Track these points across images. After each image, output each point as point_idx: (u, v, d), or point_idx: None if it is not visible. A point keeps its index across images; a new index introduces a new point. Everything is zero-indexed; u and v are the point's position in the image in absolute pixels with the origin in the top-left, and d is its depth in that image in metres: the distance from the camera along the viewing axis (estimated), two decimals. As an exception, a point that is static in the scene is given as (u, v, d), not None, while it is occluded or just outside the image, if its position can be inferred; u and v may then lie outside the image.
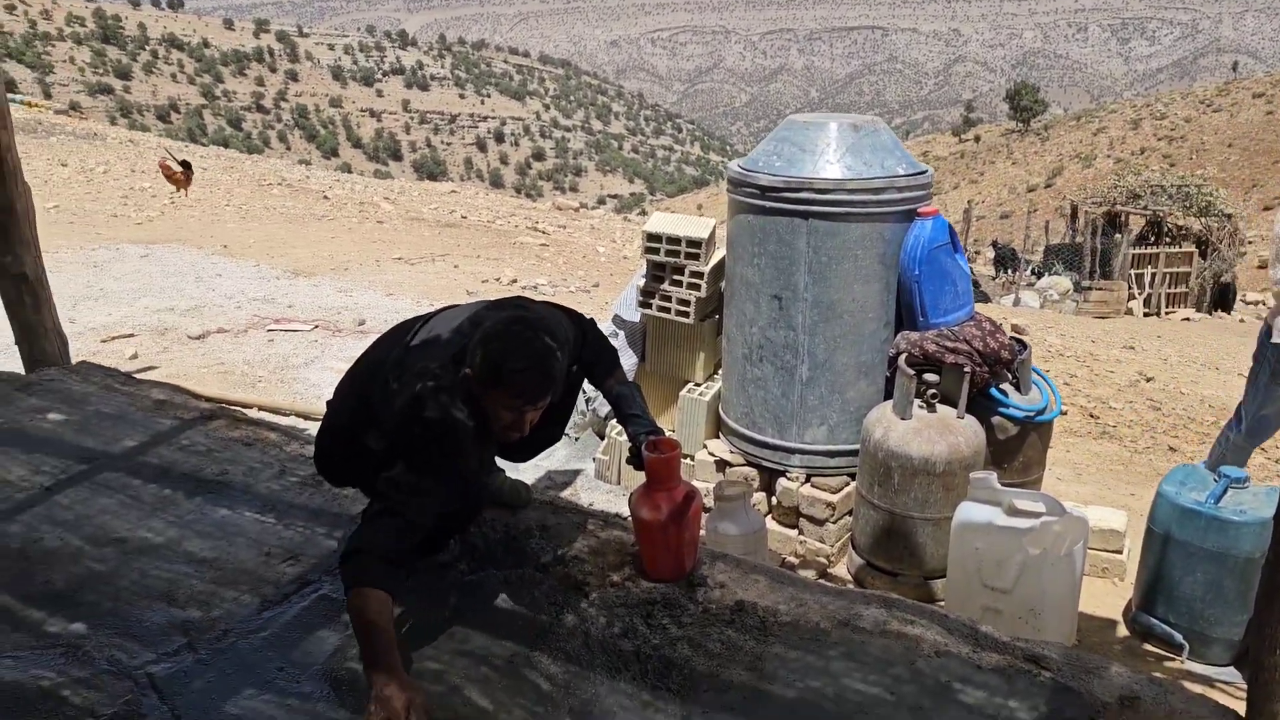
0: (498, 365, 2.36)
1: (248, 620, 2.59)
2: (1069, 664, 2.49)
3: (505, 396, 2.39)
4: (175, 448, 3.56)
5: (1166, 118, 64.22)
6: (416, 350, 2.58)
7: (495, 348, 2.38)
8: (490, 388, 2.39)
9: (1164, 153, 53.88)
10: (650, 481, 2.72)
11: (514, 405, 2.42)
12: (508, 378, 2.37)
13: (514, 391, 2.39)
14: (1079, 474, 5.29)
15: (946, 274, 3.91)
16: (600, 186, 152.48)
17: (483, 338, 2.42)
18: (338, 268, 9.12)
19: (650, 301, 4.62)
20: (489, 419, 2.47)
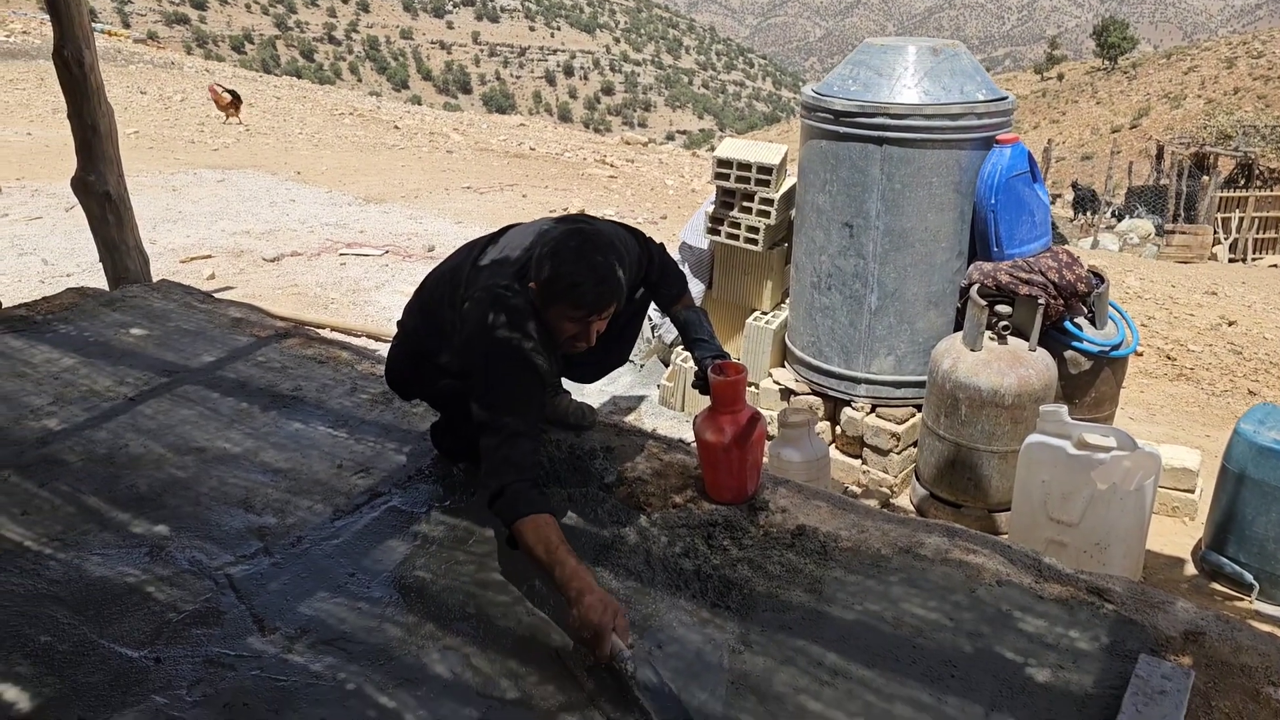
0: (558, 279, 2.39)
1: (320, 528, 2.68)
2: (1133, 597, 2.47)
3: (567, 309, 2.42)
4: (251, 363, 3.66)
5: (1264, 56, 61.16)
6: (485, 269, 2.62)
7: (556, 262, 2.40)
8: (552, 302, 2.43)
9: (1259, 93, 51.43)
10: (715, 405, 2.73)
11: (577, 317, 2.44)
12: (568, 291, 2.39)
13: (575, 303, 2.41)
14: (1152, 414, 5.19)
15: (1024, 203, 3.82)
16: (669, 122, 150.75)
17: (544, 253, 2.45)
18: (408, 195, 9.18)
19: (719, 228, 4.59)
20: (555, 332, 2.51)
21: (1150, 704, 2.03)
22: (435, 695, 2.10)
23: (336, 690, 2.10)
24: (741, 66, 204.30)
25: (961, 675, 2.18)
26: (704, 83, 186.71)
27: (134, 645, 2.22)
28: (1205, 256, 16.72)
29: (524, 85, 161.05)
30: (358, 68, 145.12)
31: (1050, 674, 2.19)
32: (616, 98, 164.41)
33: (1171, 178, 19.42)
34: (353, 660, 2.19)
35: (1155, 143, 22.12)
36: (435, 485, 2.89)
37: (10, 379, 3.47)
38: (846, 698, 2.12)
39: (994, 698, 2.12)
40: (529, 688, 2.12)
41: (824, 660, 2.23)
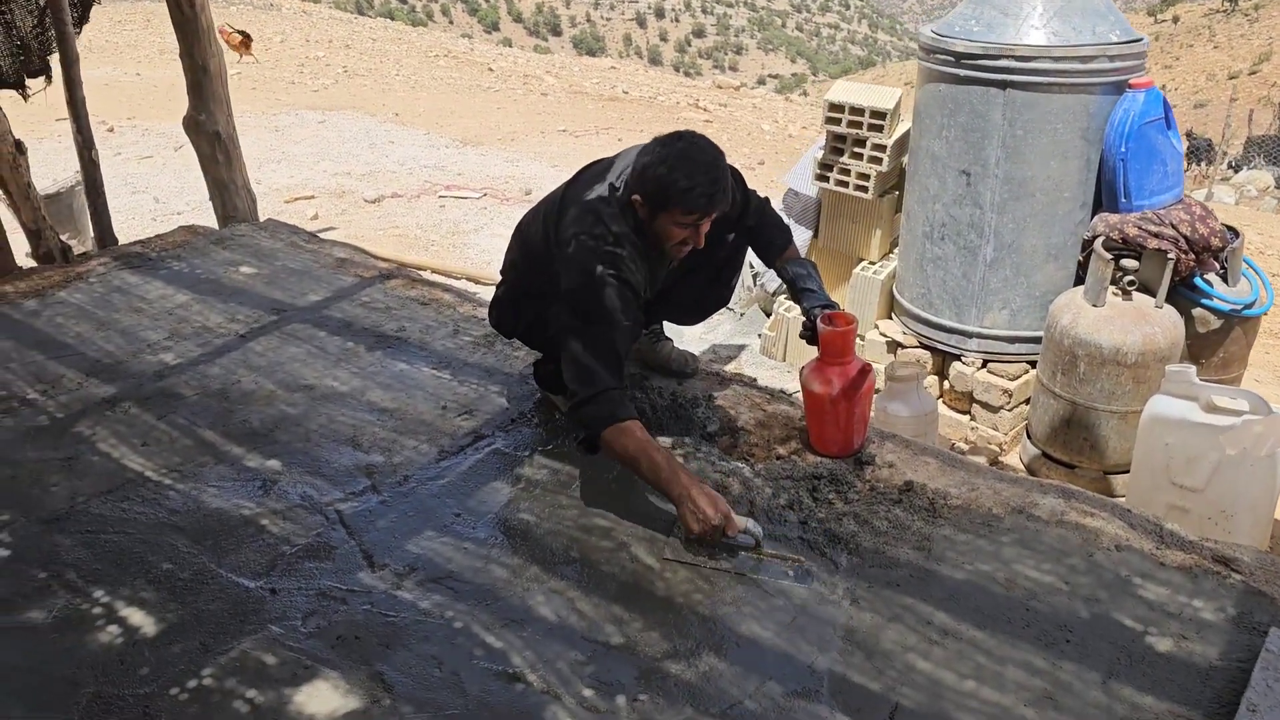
0: (670, 183, 2.40)
1: (426, 468, 2.72)
2: (1262, 568, 2.37)
3: (678, 214, 2.44)
4: (356, 304, 3.72)
5: (1401, -4, 57.39)
6: (580, 190, 2.63)
7: (665, 168, 2.41)
8: (663, 207, 2.44)
9: (1395, 38, 48.40)
10: (823, 355, 2.69)
11: (688, 221, 2.46)
12: (681, 196, 2.41)
13: (688, 207, 2.43)
14: (1276, 379, 4.96)
15: (1156, 152, 3.63)
16: (761, 66, 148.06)
17: (649, 162, 2.45)
18: (504, 138, 9.20)
19: (828, 175, 4.48)
20: (661, 241, 2.52)
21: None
22: (541, 637, 2.13)
23: (445, 628, 2.14)
24: (837, 8, 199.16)
25: (1077, 641, 2.13)
26: (798, 25, 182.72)
27: (251, 576, 2.28)
28: (1328, 211, 15.88)
29: (614, 28, 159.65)
30: (449, 10, 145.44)
31: (1172, 643, 2.13)
32: (708, 40, 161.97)
33: (1294, 127, 18.45)
34: (460, 599, 2.22)
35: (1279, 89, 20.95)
36: (538, 429, 2.91)
37: (128, 314, 3.58)
38: (956, 658, 2.09)
39: (1111, 665, 2.07)
40: (634, 634, 2.14)
41: (933, 619, 2.20)
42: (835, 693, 1.99)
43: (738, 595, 2.25)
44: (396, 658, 2.05)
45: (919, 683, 2.02)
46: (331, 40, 16.17)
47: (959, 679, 2.03)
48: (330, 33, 17.62)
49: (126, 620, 2.16)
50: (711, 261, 2.88)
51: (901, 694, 1.99)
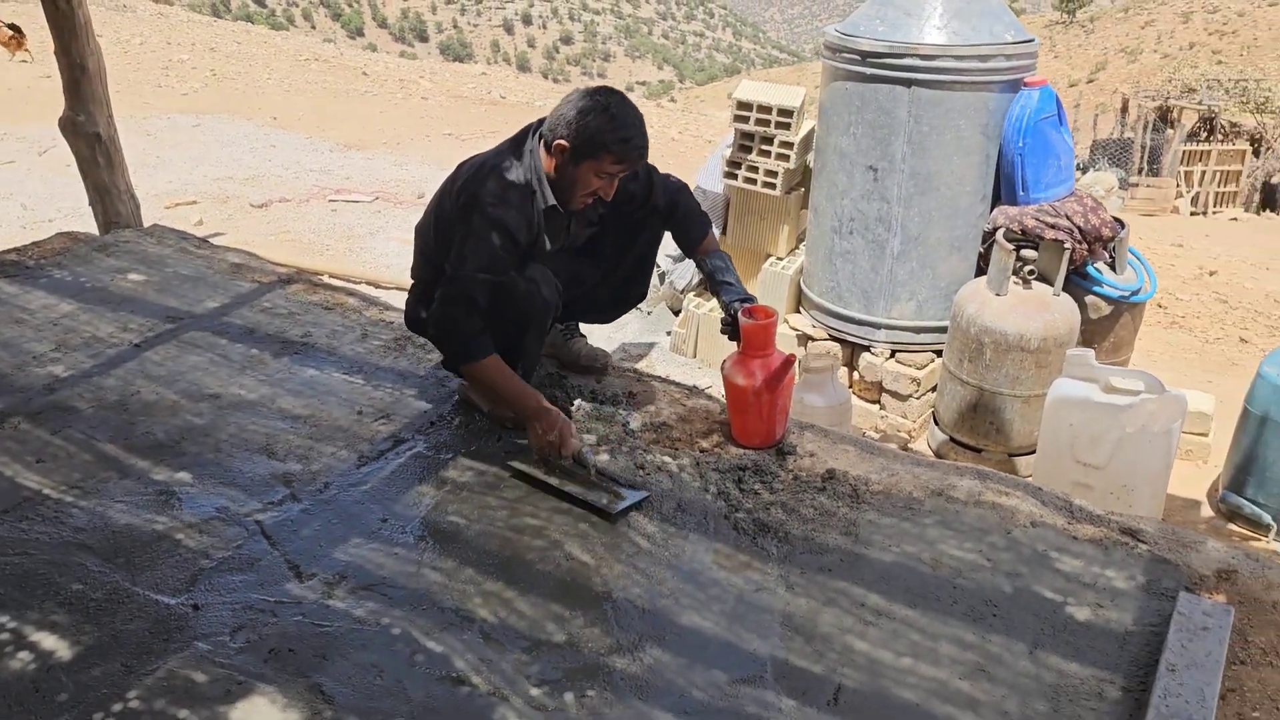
0: (604, 131, 2.49)
1: (347, 474, 2.64)
2: (1165, 537, 2.50)
3: (608, 162, 2.53)
4: (257, 310, 3.59)
5: (1219, 11, 61.56)
6: (481, 157, 2.72)
7: (601, 117, 2.50)
8: (593, 154, 2.52)
9: (1214, 48, 51.87)
10: (745, 348, 2.72)
11: (613, 171, 2.55)
12: (618, 144, 2.50)
13: (618, 156, 2.52)
14: (1153, 360, 5.26)
15: (1051, 147, 3.80)
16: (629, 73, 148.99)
17: (585, 108, 2.52)
18: (389, 142, 9.05)
19: (736, 172, 4.54)
20: (571, 189, 2.60)
21: (1194, 640, 2.05)
22: (482, 639, 2.09)
23: (382, 635, 2.08)
24: (701, 16, 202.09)
25: (1003, 614, 2.21)
26: (664, 33, 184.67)
27: (170, 592, 2.18)
28: (1169, 210, 16.90)
29: (481, 34, 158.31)
30: (311, 14, 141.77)
31: (1090, 612, 2.22)
32: (575, 47, 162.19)
33: (1137, 131, 19.56)
34: (395, 605, 2.17)
35: (1121, 95, 22.24)
36: (459, 431, 2.86)
37: (8, 325, 3.37)
38: (892, 637, 2.14)
39: (1036, 636, 2.14)
40: (576, 630, 2.12)
41: (866, 601, 2.24)
42: (780, 677, 2.02)
43: (676, 586, 2.26)
44: (335, 668, 1.99)
45: (859, 663, 2.06)
46: (195, 43, 15.54)
47: (896, 657, 2.08)
48: (192, 35, 16.95)
49: (38, 645, 2.03)
50: (627, 257, 2.89)
51: (843, 675, 2.03)
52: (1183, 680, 1.94)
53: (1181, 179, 18.28)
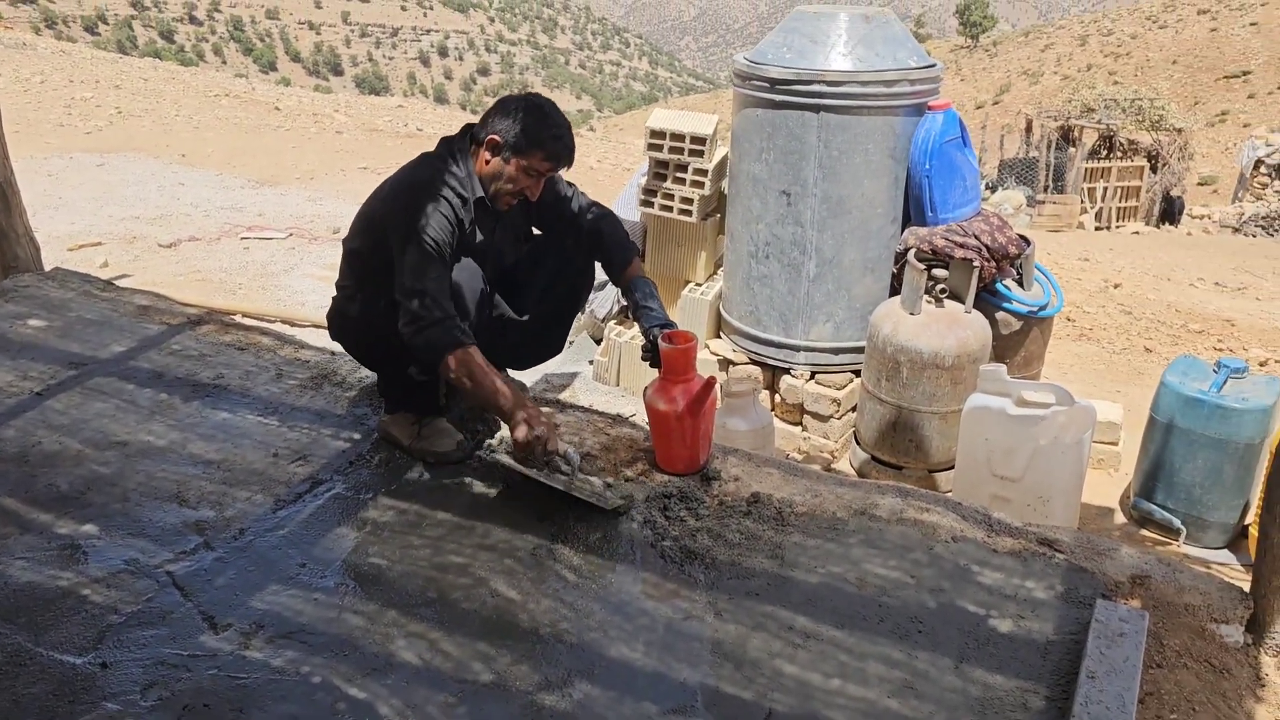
0: (537, 129, 2.57)
1: (263, 519, 2.58)
2: (1081, 546, 2.56)
3: (538, 159, 2.59)
4: (166, 352, 3.49)
5: (1113, 34, 64.10)
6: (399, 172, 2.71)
7: (535, 115, 2.59)
8: (521, 152, 2.58)
9: (1109, 69, 53.88)
10: (666, 373, 2.72)
11: (542, 169, 2.62)
12: (551, 141, 2.58)
13: (548, 153, 2.59)
14: (1064, 373, 5.40)
15: (956, 168, 3.89)
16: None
17: (517, 107, 2.60)
18: (303, 177, 8.93)
19: (652, 200, 4.56)
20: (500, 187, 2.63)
21: (1112, 646, 2.10)
22: (406, 683, 2.05)
23: (302, 684, 2.03)
24: (617, 46, 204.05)
25: (928, 630, 2.23)
26: (580, 63, 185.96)
27: (75, 651, 2.10)
28: (1074, 225, 17.46)
29: (397, 67, 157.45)
30: (222, 49, 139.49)
31: (1012, 624, 2.25)
32: (493, 79, 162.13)
33: (1041, 150, 20.16)
34: (315, 652, 2.11)
35: (1025, 116, 22.93)
36: (379, 470, 2.81)
37: (-104, 376, 3.22)
38: (820, 659, 2.14)
39: (961, 650, 2.17)
40: (503, 669, 2.09)
41: (794, 624, 2.25)
42: (710, 705, 2.01)
43: (604, 619, 2.24)
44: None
45: (789, 687, 2.06)
46: (99, 80, 15.18)
47: (825, 679, 2.08)
48: (95, 72, 16.55)
49: (-67, 714, 1.93)
50: (553, 293, 2.89)
51: (774, 700, 2.03)
52: (1103, 687, 1.98)
53: (1085, 195, 18.89)
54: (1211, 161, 31.69)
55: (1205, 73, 49.68)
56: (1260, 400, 3.37)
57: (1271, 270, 10.37)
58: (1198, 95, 47.07)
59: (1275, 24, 52.01)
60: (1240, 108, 44.15)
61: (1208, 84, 48.44)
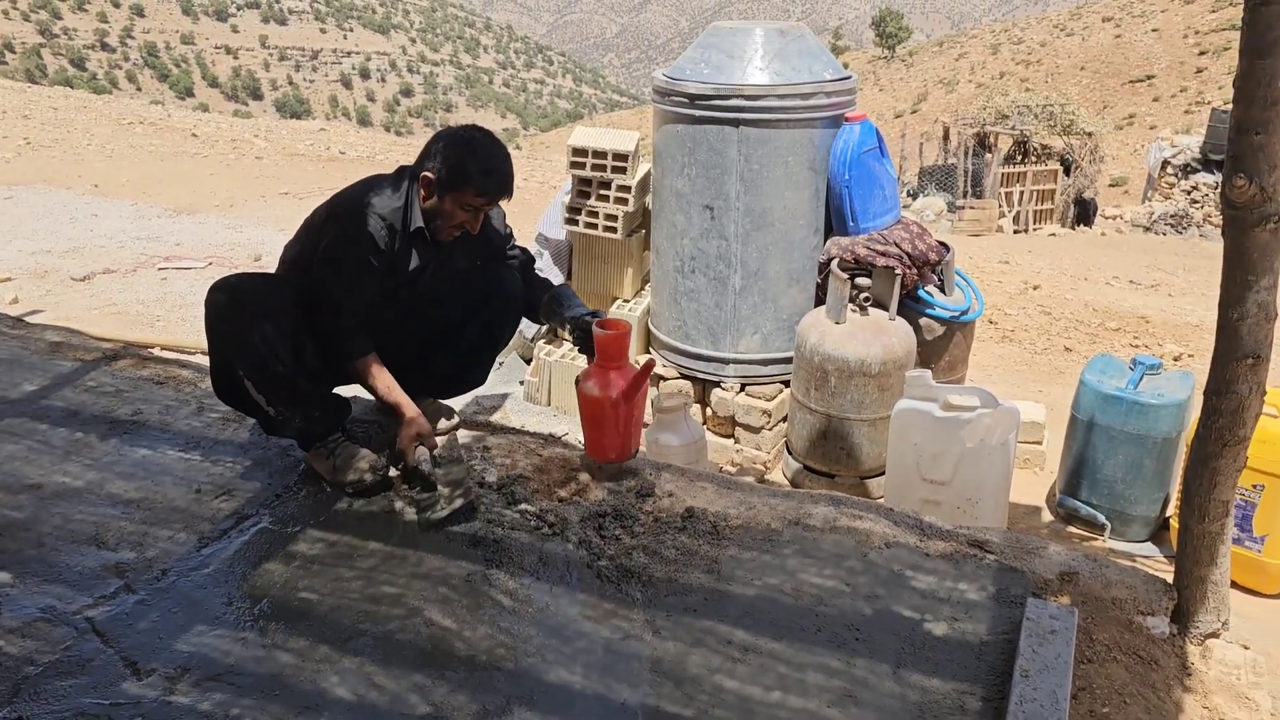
0: (467, 165, 2.59)
1: (187, 558, 2.50)
2: (1010, 546, 2.60)
3: (470, 194, 2.61)
4: (81, 389, 3.39)
5: (1023, 42, 65.85)
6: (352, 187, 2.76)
7: (465, 150, 2.60)
8: (453, 188, 2.60)
9: (1021, 76, 55.35)
10: (600, 359, 2.74)
11: (476, 204, 2.64)
12: (483, 176, 2.59)
13: (480, 188, 2.61)
14: (988, 375, 5.50)
15: (875, 178, 3.95)
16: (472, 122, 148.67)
17: (450, 142, 2.62)
18: (222, 204, 8.76)
19: (576, 218, 4.55)
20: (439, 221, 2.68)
21: (1044, 644, 2.13)
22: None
23: None
24: (541, 64, 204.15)
25: (865, 637, 2.24)
26: (504, 81, 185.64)
27: (-11, 708, 2.00)
28: (994, 229, 17.85)
29: (319, 89, 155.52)
30: (136, 76, 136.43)
31: (947, 626, 2.27)
32: (416, 99, 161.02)
33: (959, 156, 20.58)
34: (244, 694, 2.05)
35: (942, 124, 23.42)
36: (307, 502, 2.76)
37: None
38: (760, 672, 2.14)
39: (899, 655, 2.18)
40: (440, 700, 2.06)
41: (732, 638, 2.25)
42: (651, 725, 2.00)
43: (542, 643, 2.22)
44: (181, 770, 1.87)
45: (729, 702, 2.05)
46: (5, 110, 14.74)
47: (765, 692, 2.08)
48: (2, 102, 16.05)
49: None
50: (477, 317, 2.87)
51: (715, 716, 2.02)
52: (1036, 685, 2.00)
53: (1002, 199, 19.32)
54: (1121, 163, 32.68)
55: (1112, 78, 51.30)
56: (1175, 395, 3.47)
57: (1182, 267, 10.72)
58: (1106, 99, 48.56)
59: (1175, 30, 53.95)
60: (1146, 111, 45.67)
61: (1115, 88, 50.02)
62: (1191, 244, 15.23)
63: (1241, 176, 2.07)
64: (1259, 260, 2.16)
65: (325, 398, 2.85)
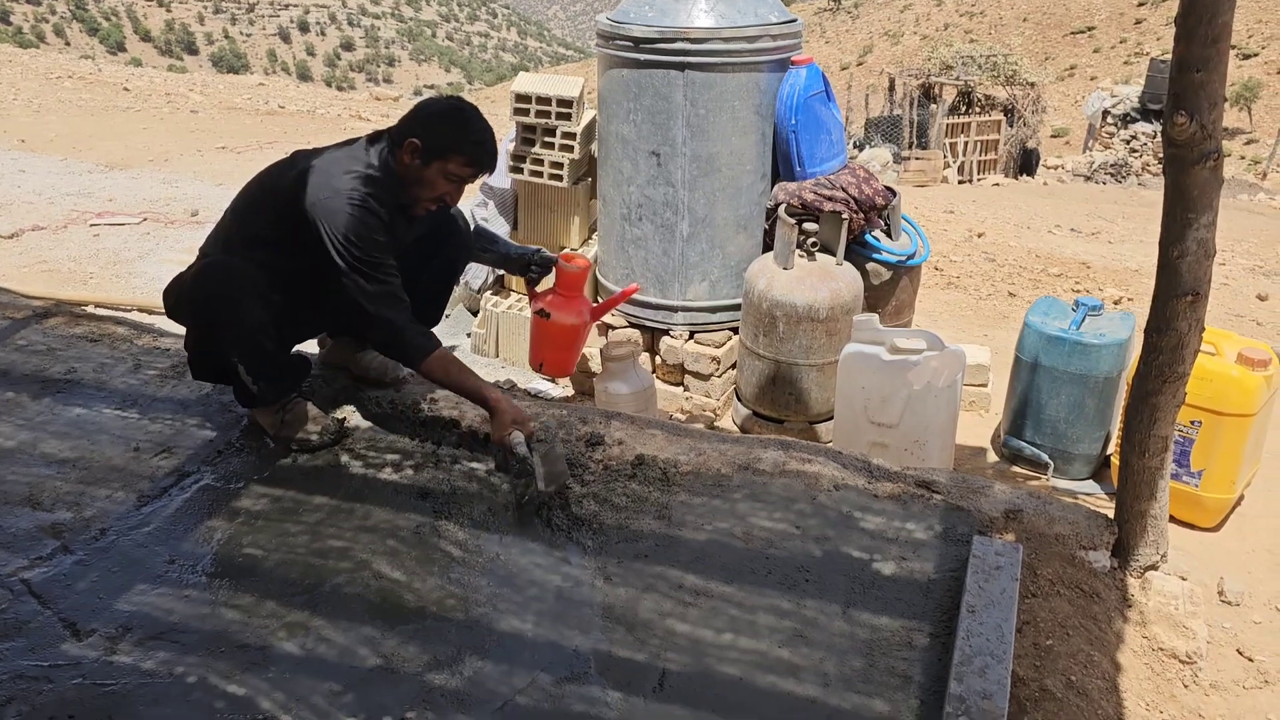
0: (458, 133, 2.52)
1: (126, 517, 2.46)
2: (956, 486, 2.64)
3: (458, 163, 2.52)
4: (11, 349, 3.30)
5: (968, -7, 65.99)
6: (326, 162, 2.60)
7: (456, 120, 2.55)
8: (440, 156, 2.51)
9: (965, 28, 55.42)
10: (565, 290, 2.96)
11: (462, 174, 2.56)
12: (473, 147, 2.53)
13: (470, 157, 2.53)
14: (934, 320, 5.55)
15: (821, 123, 3.93)
16: (415, 76, 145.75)
17: (438, 112, 2.58)
18: (156, 159, 8.54)
19: (521, 166, 4.49)
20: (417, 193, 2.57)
21: (990, 580, 2.16)
22: (288, 675, 1.99)
23: (176, 685, 1.95)
24: (485, 17, 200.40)
25: (815, 579, 2.27)
26: (448, 35, 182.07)
27: (-77, 673, 1.95)
28: (939, 179, 17.98)
29: (256, 44, 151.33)
30: (64, 29, 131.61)
31: (895, 566, 2.30)
32: (358, 53, 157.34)
33: (904, 108, 20.66)
34: (189, 651, 2.03)
35: (888, 75, 23.45)
36: (250, 457, 2.72)
37: None
38: (711, 615, 2.16)
39: (848, 595, 2.21)
40: (390, 651, 2.05)
41: (684, 583, 2.26)
42: (603, 671, 2.00)
43: (493, 592, 2.22)
44: (124, 730, 1.83)
45: (681, 645, 2.07)
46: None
47: (717, 634, 2.10)
48: (-78, 59, 15.42)
49: None
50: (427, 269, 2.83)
51: (667, 659, 2.03)
52: (982, 619, 2.03)
53: (947, 150, 19.46)
54: (1063, 114, 32.99)
55: (1054, 29, 51.61)
56: (1116, 335, 3.52)
57: (1121, 215, 10.89)
58: (1048, 51, 48.89)
59: (1116, -19, 54.30)
60: (1087, 62, 46.11)
61: (1056, 40, 50.36)
62: (1130, 192, 15.47)
63: (1182, 114, 2.08)
64: (1199, 198, 2.18)
65: (292, 361, 2.84)
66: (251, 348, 2.58)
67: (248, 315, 2.53)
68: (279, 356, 2.70)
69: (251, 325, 2.54)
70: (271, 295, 2.57)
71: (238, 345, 2.58)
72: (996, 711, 1.83)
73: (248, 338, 2.56)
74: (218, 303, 2.55)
